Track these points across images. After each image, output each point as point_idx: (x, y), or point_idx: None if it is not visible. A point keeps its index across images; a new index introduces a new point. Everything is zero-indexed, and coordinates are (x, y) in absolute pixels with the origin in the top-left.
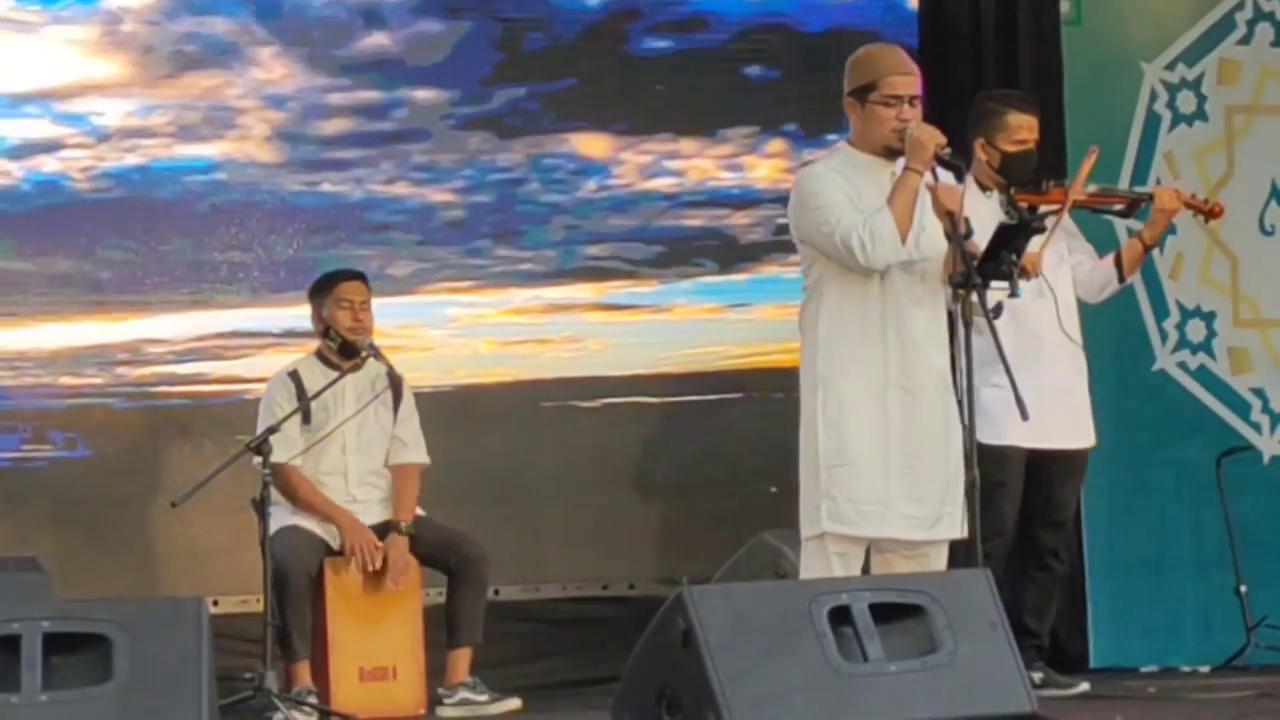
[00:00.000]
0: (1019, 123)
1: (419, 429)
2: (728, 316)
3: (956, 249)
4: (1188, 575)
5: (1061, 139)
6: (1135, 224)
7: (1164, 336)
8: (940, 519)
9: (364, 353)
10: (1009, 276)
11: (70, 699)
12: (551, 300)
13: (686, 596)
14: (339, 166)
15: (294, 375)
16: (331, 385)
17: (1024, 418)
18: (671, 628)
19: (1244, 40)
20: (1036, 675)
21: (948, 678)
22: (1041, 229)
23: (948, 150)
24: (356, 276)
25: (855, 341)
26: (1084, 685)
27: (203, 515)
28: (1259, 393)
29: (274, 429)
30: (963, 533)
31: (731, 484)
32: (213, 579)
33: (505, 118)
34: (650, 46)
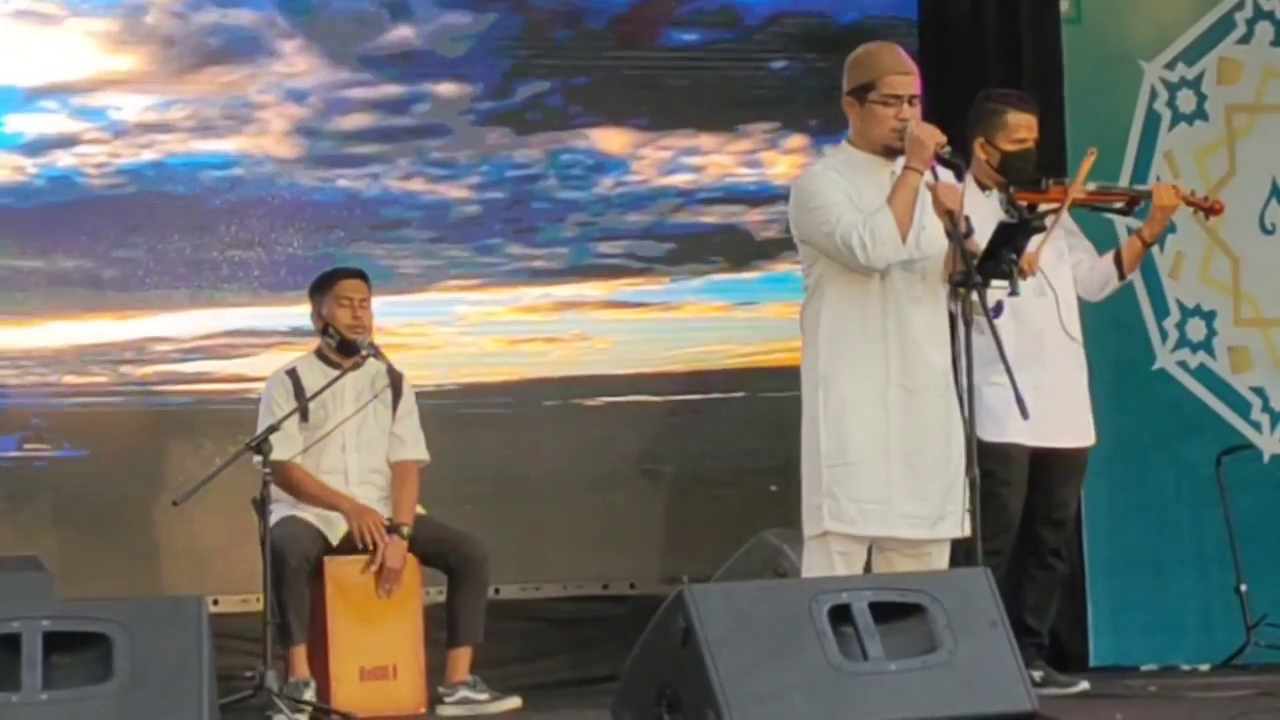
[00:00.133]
0: (1018, 122)
1: (419, 427)
2: (735, 315)
3: (957, 248)
4: (1188, 574)
5: (1062, 138)
6: (1135, 222)
7: (1164, 335)
8: (943, 518)
9: (364, 351)
10: (1009, 275)
11: (70, 698)
12: (561, 298)
13: (687, 595)
14: (355, 162)
15: (292, 374)
16: (331, 384)
17: (1024, 416)
18: (672, 626)
19: (1244, 39)
20: (1037, 674)
21: (948, 676)
22: (1042, 228)
23: (948, 149)
24: (356, 274)
25: (856, 340)
26: (1084, 684)
27: (203, 514)
28: (1259, 391)
29: (274, 428)
30: (964, 531)
31: (732, 483)
32: (213, 578)
33: (526, 113)
34: (678, 40)
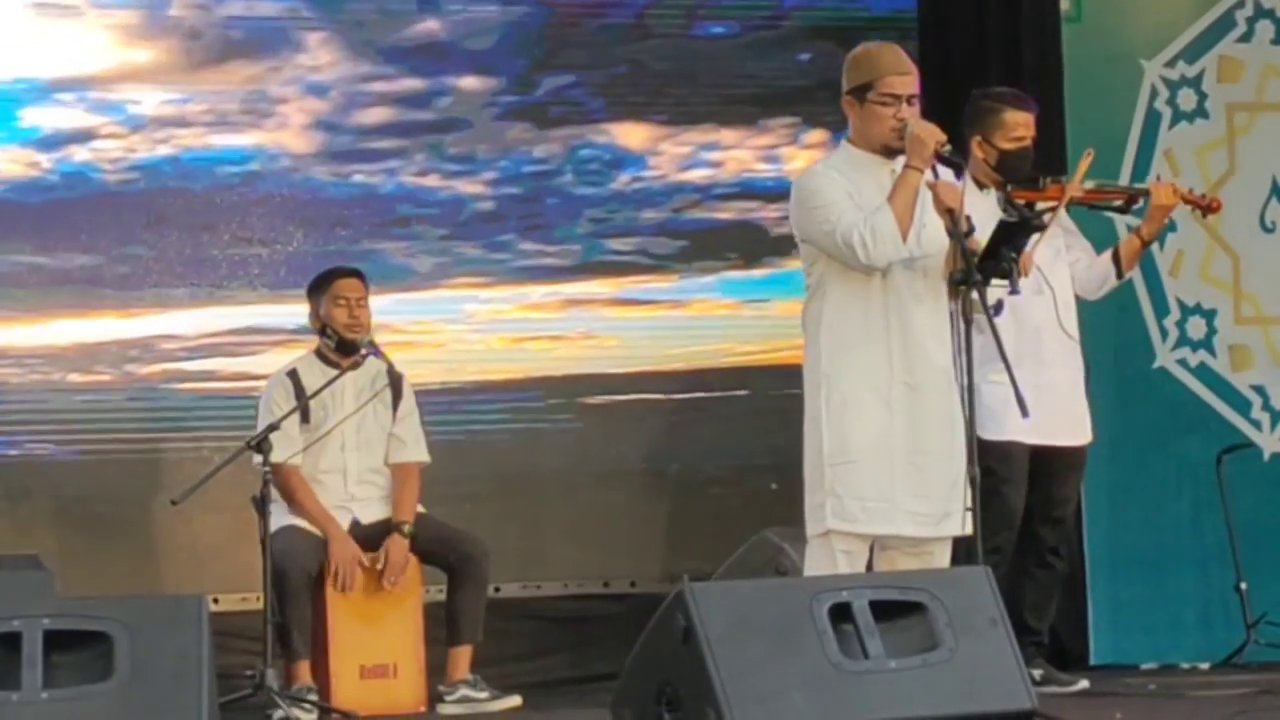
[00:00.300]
0: (1015, 120)
1: (419, 427)
2: (742, 313)
3: (957, 246)
4: (1188, 572)
5: (1062, 137)
6: (1136, 221)
7: (1164, 334)
8: (948, 515)
9: (363, 350)
10: (1009, 274)
11: (71, 697)
12: (569, 296)
13: (687, 593)
14: (373, 157)
15: (293, 374)
16: (330, 384)
17: (1024, 415)
18: (672, 625)
19: (1244, 38)
20: (1037, 672)
21: (948, 675)
22: (1043, 226)
23: (948, 147)
24: (353, 274)
25: (858, 339)
26: (1084, 682)
27: (203, 513)
28: (1259, 390)
29: (274, 426)
30: (966, 530)
31: (733, 481)
32: (213, 577)
33: (548, 107)
34: (707, 32)
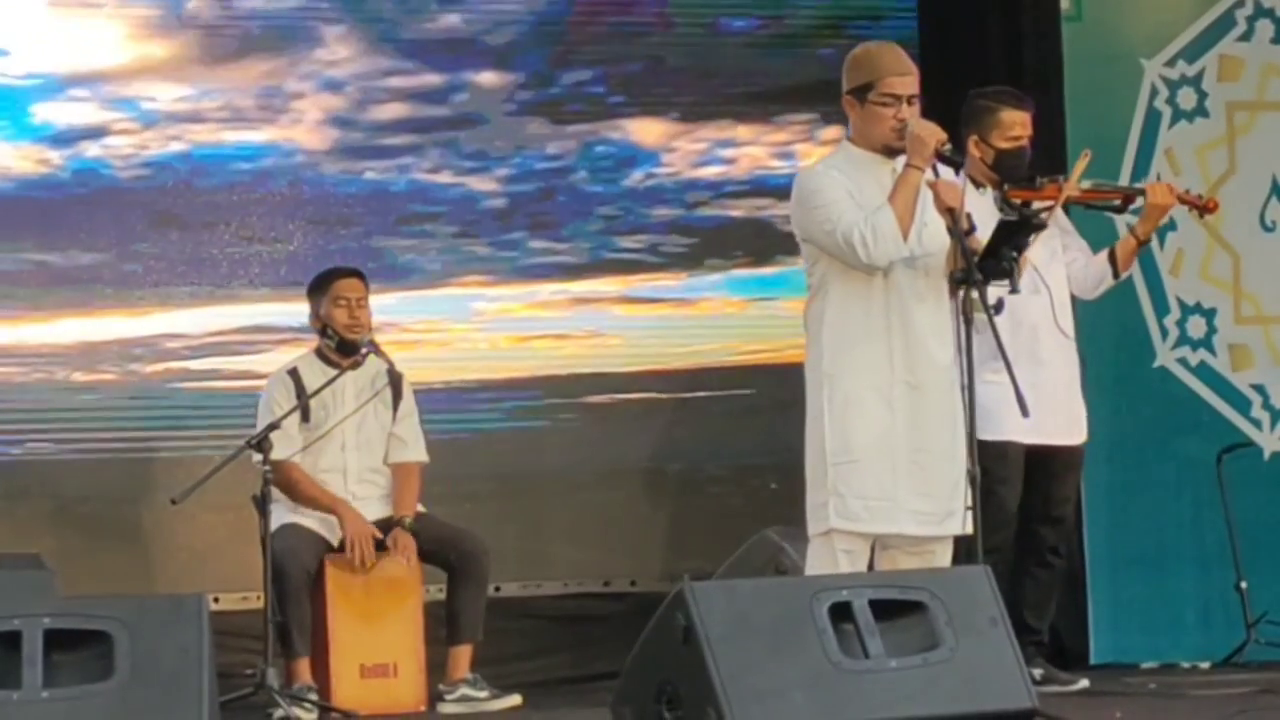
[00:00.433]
0: (1012, 119)
1: (419, 427)
2: (749, 311)
3: (957, 245)
4: (1188, 572)
5: (1062, 136)
6: (1135, 220)
7: (1164, 333)
8: (951, 514)
9: (363, 350)
10: (1010, 273)
11: (71, 696)
12: (577, 294)
13: (687, 593)
14: (386, 154)
15: (293, 373)
16: (330, 383)
17: (1024, 414)
18: (672, 624)
19: (1244, 37)
20: (1037, 672)
21: (948, 674)
22: (1043, 225)
23: (948, 146)
24: (353, 274)
25: (860, 338)
26: (1084, 682)
27: (204, 512)
28: (1259, 389)
29: (275, 425)
30: (967, 529)
31: (733, 480)
32: (213, 576)
33: (565, 102)
34: (729, 27)
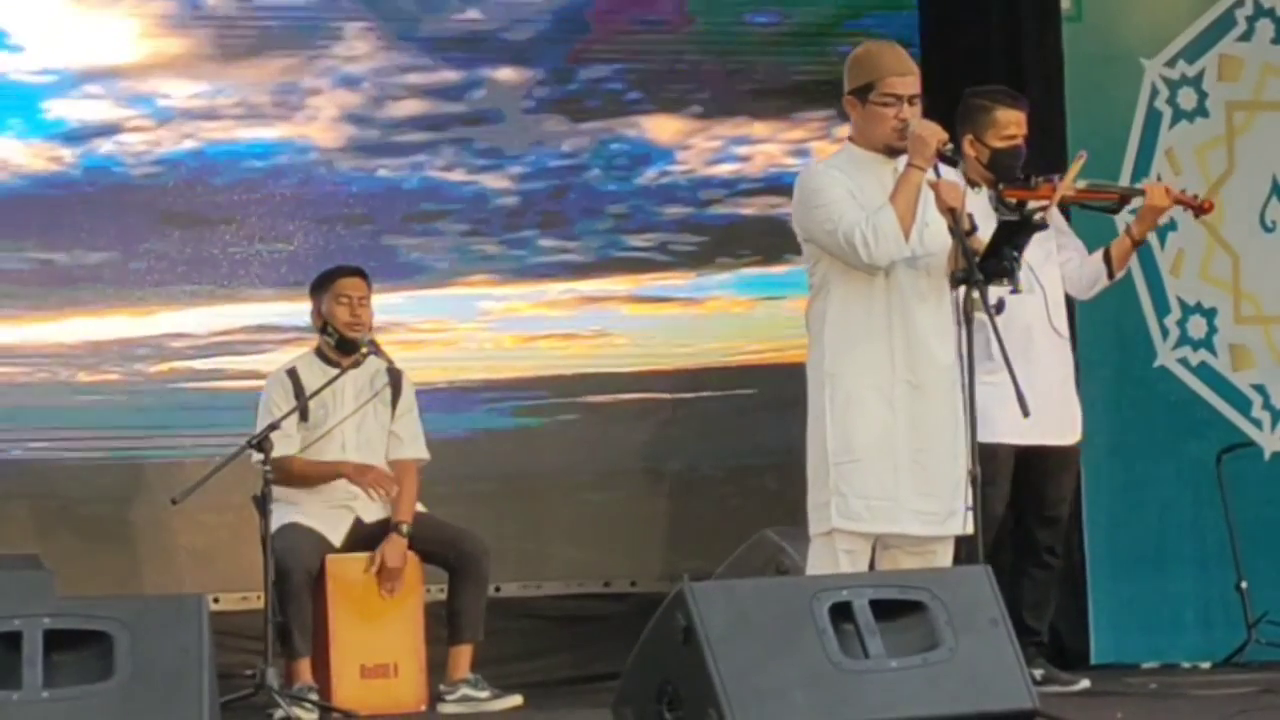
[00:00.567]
0: (1007, 119)
1: (418, 425)
2: (755, 311)
3: (958, 245)
4: (1188, 572)
5: (1062, 136)
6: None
7: (1165, 333)
8: (953, 513)
9: (363, 349)
10: (1010, 273)
11: (71, 696)
12: (585, 293)
13: (687, 593)
14: (400, 151)
15: (292, 373)
16: (330, 383)
17: (1025, 414)
18: (672, 624)
19: (1244, 37)
20: (1037, 672)
21: (949, 674)
22: (1044, 225)
23: (950, 146)
24: (356, 273)
25: (861, 338)
26: (1085, 682)
27: (204, 512)
28: (1260, 389)
29: (275, 425)
30: (967, 529)
31: (733, 480)
32: (214, 576)
33: (583, 99)
34: (752, 22)
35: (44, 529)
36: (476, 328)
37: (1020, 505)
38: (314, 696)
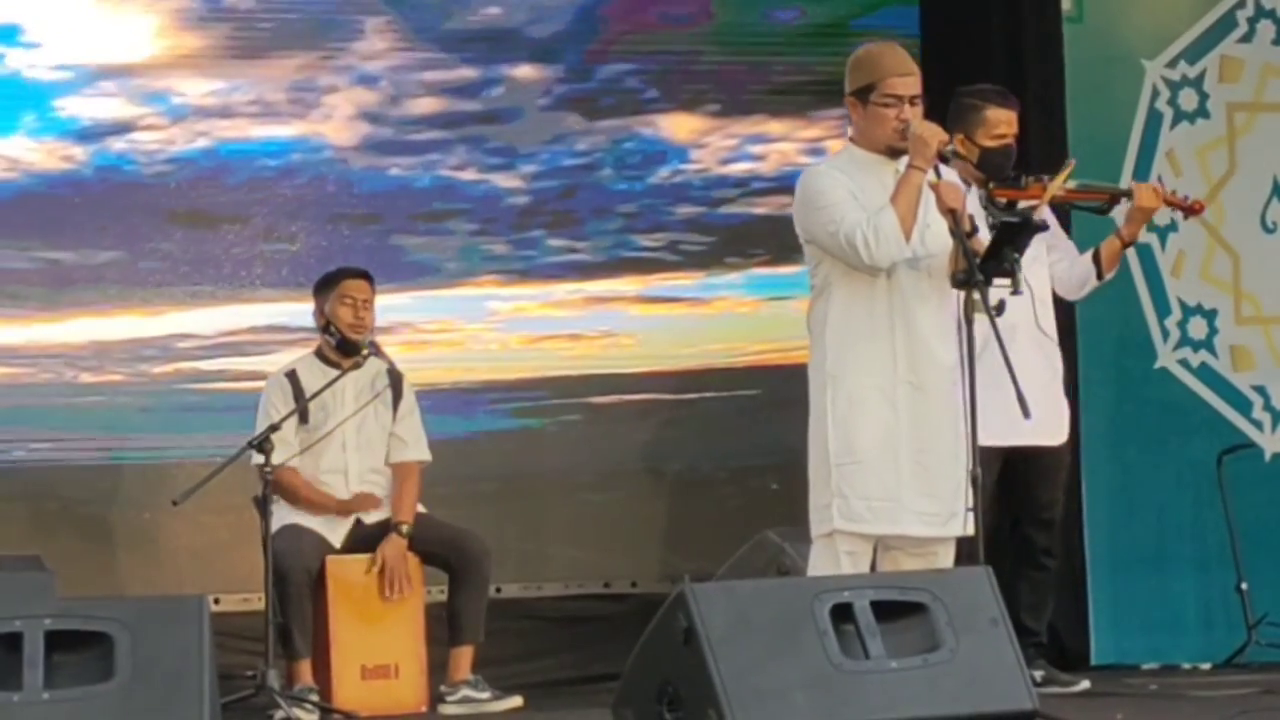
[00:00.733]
0: (997, 118)
1: (420, 426)
2: (761, 311)
3: (959, 246)
4: (1189, 573)
5: (1063, 137)
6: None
7: (1165, 334)
8: (954, 514)
9: (364, 351)
10: (1011, 274)
11: (72, 697)
12: (593, 293)
13: (688, 593)
14: (414, 150)
15: (291, 375)
16: (330, 384)
17: (1026, 416)
18: (673, 625)
19: (1245, 38)
20: (1038, 673)
21: (949, 675)
22: (1045, 227)
23: (950, 147)
24: (361, 275)
25: (863, 339)
26: (1085, 683)
27: (204, 513)
28: (1260, 390)
29: (276, 427)
30: (968, 530)
31: (734, 481)
32: (214, 577)
33: (600, 96)
34: (772, 18)
35: (45, 530)
36: (483, 328)
37: (1014, 509)
38: (314, 698)
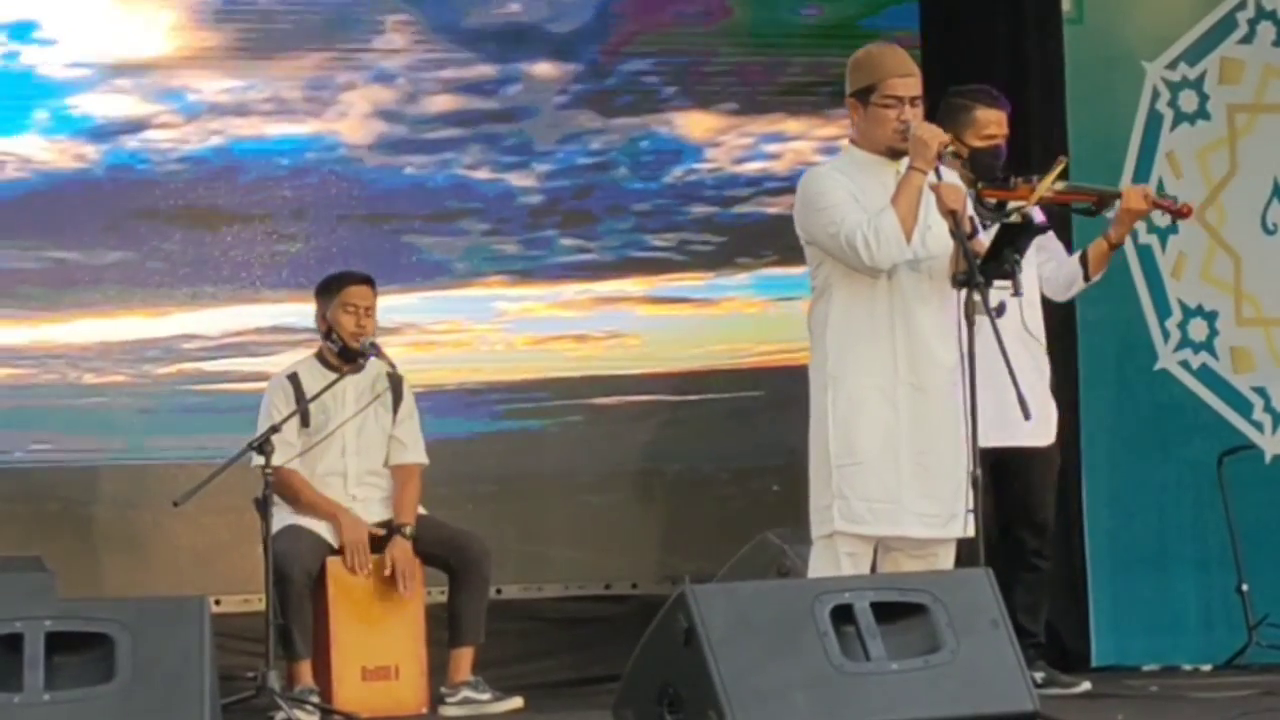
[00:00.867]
0: (987, 118)
1: (419, 429)
2: (768, 312)
3: (959, 248)
4: (1189, 574)
5: (1063, 138)
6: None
7: (1166, 335)
8: (955, 516)
9: (365, 353)
10: (1011, 275)
11: (73, 698)
12: (601, 294)
13: (688, 595)
14: (429, 148)
15: (293, 378)
16: (330, 387)
17: (1026, 417)
18: (674, 626)
19: (1246, 39)
20: (1038, 674)
21: (950, 676)
22: (1046, 228)
23: (951, 149)
24: (364, 280)
25: (864, 340)
26: (1086, 684)
27: (205, 514)
28: (1261, 391)
29: (276, 428)
30: (968, 531)
31: (735, 482)
32: (215, 578)
33: (618, 94)
34: (791, 14)
35: (46, 531)
36: (490, 329)
37: (1006, 512)
38: (315, 699)
